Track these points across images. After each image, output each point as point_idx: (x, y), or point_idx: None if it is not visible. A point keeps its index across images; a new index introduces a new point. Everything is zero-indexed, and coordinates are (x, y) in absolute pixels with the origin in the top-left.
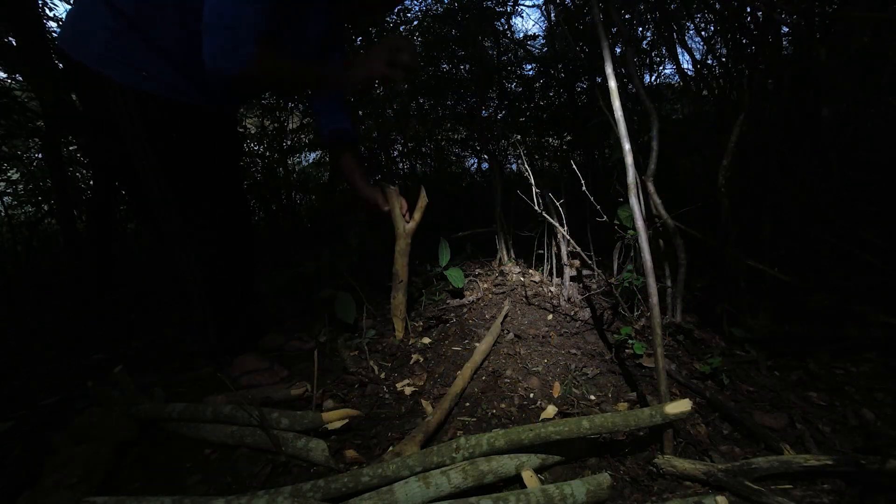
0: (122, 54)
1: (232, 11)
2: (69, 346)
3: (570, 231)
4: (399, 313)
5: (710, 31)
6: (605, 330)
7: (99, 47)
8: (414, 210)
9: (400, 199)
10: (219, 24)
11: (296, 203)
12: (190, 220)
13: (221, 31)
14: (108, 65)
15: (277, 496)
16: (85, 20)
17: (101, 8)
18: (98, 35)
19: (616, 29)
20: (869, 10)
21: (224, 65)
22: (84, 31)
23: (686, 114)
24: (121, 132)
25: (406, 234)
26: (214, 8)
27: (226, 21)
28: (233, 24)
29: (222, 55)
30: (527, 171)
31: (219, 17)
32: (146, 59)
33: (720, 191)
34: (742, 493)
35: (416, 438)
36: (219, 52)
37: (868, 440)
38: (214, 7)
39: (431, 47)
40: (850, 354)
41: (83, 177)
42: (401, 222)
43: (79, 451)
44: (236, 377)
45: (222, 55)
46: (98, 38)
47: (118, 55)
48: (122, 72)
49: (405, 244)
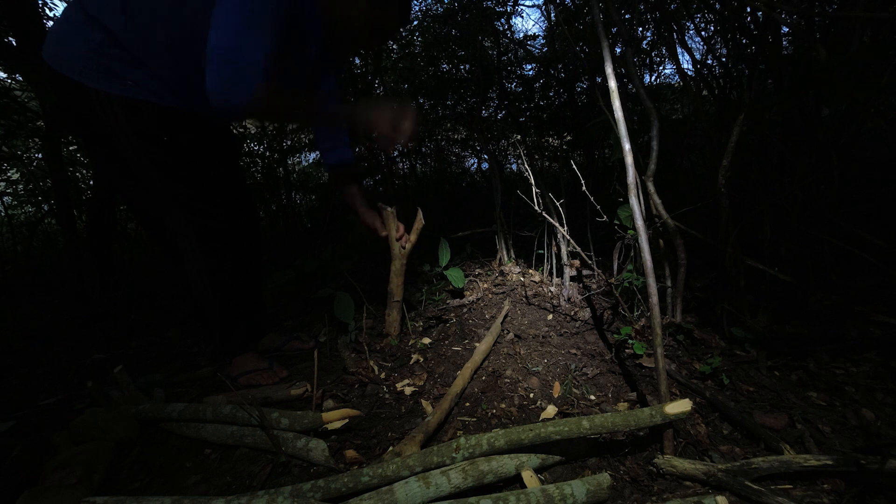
0: (104, 65)
1: (237, 45)
2: (69, 346)
3: (570, 231)
4: (393, 330)
5: (710, 31)
6: (605, 330)
7: (81, 61)
8: (410, 231)
9: (396, 222)
10: (224, 57)
11: (296, 203)
12: (195, 224)
13: (226, 64)
14: (89, 75)
15: (277, 496)
16: (67, 35)
17: (84, 24)
18: (80, 49)
19: (616, 29)
20: (869, 10)
21: (228, 98)
22: (66, 45)
23: (686, 114)
24: (113, 142)
25: (402, 256)
26: (219, 40)
27: (231, 55)
28: (238, 59)
29: (227, 89)
30: (527, 171)
31: (224, 51)
32: (130, 71)
33: (720, 191)
34: (742, 493)
35: (416, 438)
36: (223, 86)
37: (868, 440)
38: (219, 39)
39: (431, 47)
40: (850, 354)
41: (83, 177)
42: (396, 244)
43: (79, 451)
44: (236, 377)
45: (227, 89)
46: (80, 53)
47: (101, 66)
48: (105, 82)
49: (400, 265)
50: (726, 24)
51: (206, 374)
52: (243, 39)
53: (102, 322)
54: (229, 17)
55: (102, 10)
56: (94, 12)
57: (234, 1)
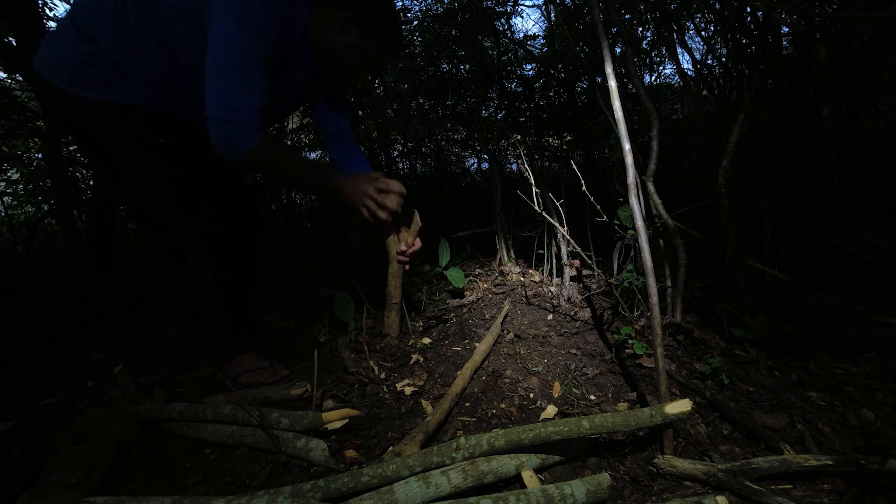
0: (94, 75)
1: (228, 99)
2: (69, 346)
3: (570, 231)
4: (393, 332)
5: (710, 31)
6: (605, 330)
7: (70, 71)
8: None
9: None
10: (220, 116)
11: (296, 203)
12: (196, 225)
13: (224, 124)
14: (79, 85)
15: (277, 496)
16: (59, 48)
17: (76, 39)
18: (71, 61)
19: (616, 29)
20: (869, 10)
21: (230, 153)
22: (57, 57)
23: (686, 114)
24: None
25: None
26: (213, 99)
27: (226, 114)
28: (233, 116)
29: (227, 146)
30: (527, 171)
31: (219, 110)
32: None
33: (720, 191)
34: (742, 493)
35: (416, 438)
36: (224, 144)
37: (868, 440)
38: (213, 98)
39: (431, 47)
40: (850, 354)
41: (83, 177)
42: (394, 246)
43: (79, 451)
44: (236, 376)
45: (227, 146)
46: (71, 64)
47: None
48: (95, 90)
49: (398, 267)
50: (726, 24)
51: (206, 374)
52: (234, 92)
53: (102, 322)
54: (217, 70)
55: (93, 28)
56: (85, 28)
57: (220, 49)
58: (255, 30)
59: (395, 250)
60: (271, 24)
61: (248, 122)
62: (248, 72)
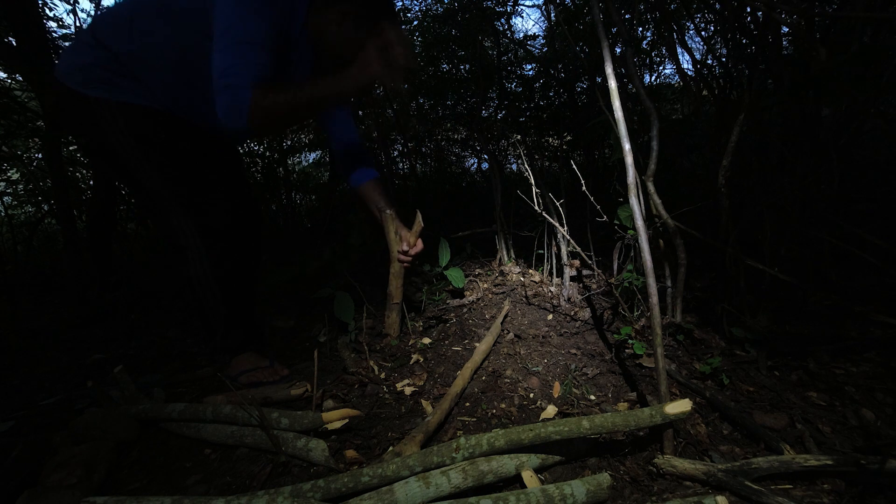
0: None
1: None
2: (69, 346)
3: (570, 231)
4: (393, 332)
5: (710, 31)
6: (605, 330)
7: (83, 73)
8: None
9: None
10: (220, 82)
11: (296, 203)
12: (198, 223)
13: (223, 91)
14: (92, 85)
15: (277, 496)
16: (76, 54)
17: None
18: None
19: (616, 29)
20: (869, 10)
21: (232, 121)
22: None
23: (686, 114)
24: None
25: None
26: (216, 70)
27: (225, 80)
28: (231, 82)
29: (229, 113)
30: (527, 171)
31: (219, 76)
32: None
33: (720, 191)
34: (742, 493)
35: (416, 438)
36: (228, 113)
37: (868, 440)
38: (216, 69)
39: (431, 47)
40: (850, 354)
41: (83, 177)
42: (395, 246)
43: (79, 451)
44: (236, 376)
45: (229, 113)
46: (85, 67)
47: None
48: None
49: (399, 267)
50: (726, 24)
51: (206, 374)
52: (234, 60)
53: (102, 322)
54: (219, 43)
55: (109, 35)
56: (102, 37)
57: (222, 26)
58: (256, 9)
59: (396, 250)
60: (271, 9)
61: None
62: (249, 45)
